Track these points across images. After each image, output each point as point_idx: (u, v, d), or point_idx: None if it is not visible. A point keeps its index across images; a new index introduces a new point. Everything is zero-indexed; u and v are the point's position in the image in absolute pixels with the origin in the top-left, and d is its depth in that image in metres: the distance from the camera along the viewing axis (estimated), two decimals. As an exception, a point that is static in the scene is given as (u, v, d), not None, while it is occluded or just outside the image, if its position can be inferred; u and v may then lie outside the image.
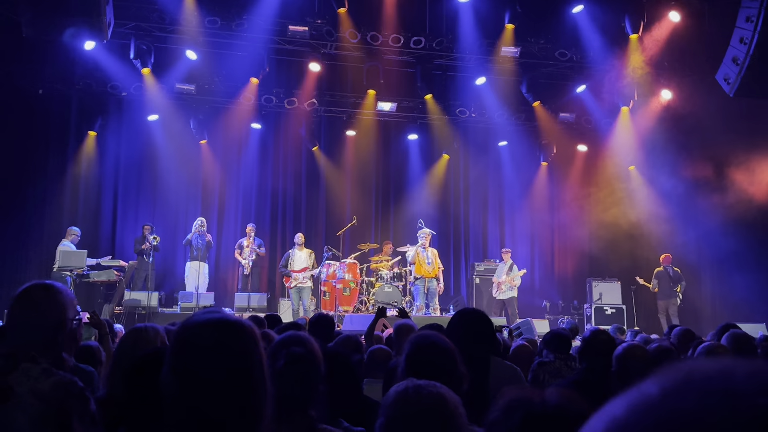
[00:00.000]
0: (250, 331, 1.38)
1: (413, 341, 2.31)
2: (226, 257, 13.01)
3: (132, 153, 12.89)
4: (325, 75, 12.93)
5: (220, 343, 1.33)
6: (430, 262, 11.30)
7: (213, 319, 1.37)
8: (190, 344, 1.35)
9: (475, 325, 3.10)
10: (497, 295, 12.65)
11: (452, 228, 14.48)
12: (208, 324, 1.36)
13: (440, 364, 2.19)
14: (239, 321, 1.40)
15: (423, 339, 2.31)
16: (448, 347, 2.30)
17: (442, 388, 1.64)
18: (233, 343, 1.34)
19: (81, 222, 11.91)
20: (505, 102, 13.55)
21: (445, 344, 2.32)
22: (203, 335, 1.34)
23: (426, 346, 2.26)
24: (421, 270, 11.25)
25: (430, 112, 13.60)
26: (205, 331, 1.35)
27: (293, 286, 11.29)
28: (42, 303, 2.01)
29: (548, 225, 14.72)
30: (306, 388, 2.01)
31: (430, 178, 14.44)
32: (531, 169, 14.59)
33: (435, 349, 2.27)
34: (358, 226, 12.38)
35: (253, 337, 1.37)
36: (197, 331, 1.36)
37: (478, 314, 3.20)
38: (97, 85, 12.07)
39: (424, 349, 2.25)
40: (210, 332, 1.34)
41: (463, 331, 3.07)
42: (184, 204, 13.13)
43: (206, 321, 1.37)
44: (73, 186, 12.43)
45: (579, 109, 13.70)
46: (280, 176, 13.73)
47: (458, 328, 3.11)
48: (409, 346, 2.29)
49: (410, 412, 1.59)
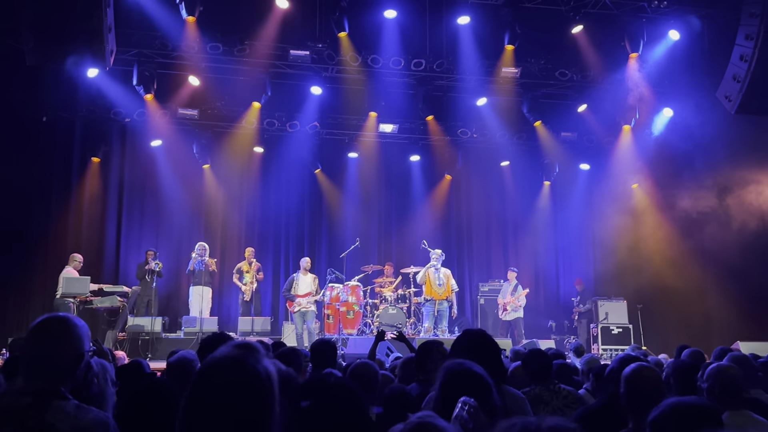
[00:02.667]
0: (268, 383, 1.34)
1: (448, 369, 2.21)
2: (229, 281, 12.95)
3: (135, 179, 12.93)
4: (326, 98, 12.96)
5: (235, 395, 1.30)
6: (441, 284, 11.25)
7: (232, 369, 1.33)
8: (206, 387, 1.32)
9: (480, 347, 2.96)
10: (503, 317, 12.57)
11: (455, 248, 14.42)
12: (226, 373, 1.33)
13: (476, 394, 2.08)
14: (258, 372, 1.35)
15: (458, 366, 2.21)
16: (484, 377, 2.19)
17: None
18: (248, 397, 1.30)
19: (84, 248, 11.90)
20: (506, 122, 13.57)
21: (481, 374, 2.21)
22: (221, 384, 1.31)
23: (462, 373, 2.16)
24: (431, 291, 11.18)
25: (432, 133, 13.62)
26: (222, 381, 1.31)
27: (297, 310, 11.22)
28: (60, 337, 2.02)
29: (552, 244, 14.65)
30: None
31: (433, 198, 14.43)
32: (533, 189, 14.56)
33: (471, 377, 2.17)
34: (361, 248, 12.34)
35: (270, 389, 1.34)
36: (214, 380, 1.33)
37: (483, 336, 3.05)
38: (101, 111, 12.12)
39: (458, 378, 2.14)
40: (227, 384, 1.31)
41: (468, 352, 2.94)
42: (187, 229, 13.13)
43: (224, 370, 1.33)
44: (77, 212, 12.45)
45: (581, 128, 13.70)
46: (282, 199, 13.71)
47: (464, 349, 2.97)
48: (443, 374, 2.19)
49: None
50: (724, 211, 12.39)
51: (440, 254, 11.46)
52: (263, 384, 1.32)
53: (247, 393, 1.29)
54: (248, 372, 1.32)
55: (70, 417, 1.88)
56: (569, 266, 14.66)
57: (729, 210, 12.38)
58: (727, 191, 12.61)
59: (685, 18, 11.82)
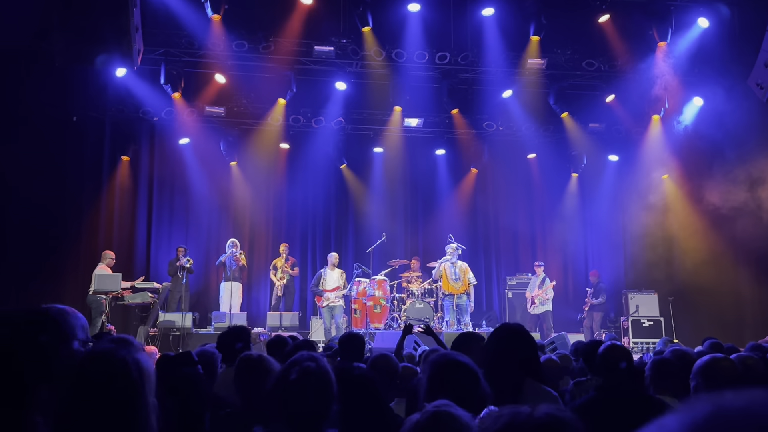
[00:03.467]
0: (136, 373, 1.49)
1: (433, 361, 2.27)
2: (258, 277, 13.08)
3: (164, 176, 13.10)
4: (351, 93, 12.97)
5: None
6: (458, 278, 11.19)
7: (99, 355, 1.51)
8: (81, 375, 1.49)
9: (518, 342, 2.91)
10: (531, 310, 12.50)
11: (482, 242, 14.36)
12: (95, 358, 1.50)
13: (462, 384, 2.14)
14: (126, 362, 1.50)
15: (443, 358, 2.27)
16: (470, 367, 2.24)
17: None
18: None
19: (116, 245, 12.10)
20: (532, 114, 13.44)
21: (467, 363, 2.26)
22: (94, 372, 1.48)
23: (447, 365, 2.22)
24: (447, 286, 11.14)
25: (457, 127, 13.56)
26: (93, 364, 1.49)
27: (325, 305, 11.28)
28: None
29: (581, 237, 14.50)
30: (318, 404, 1.99)
31: (459, 192, 14.37)
32: (561, 181, 14.41)
33: (456, 369, 2.21)
34: (388, 242, 12.34)
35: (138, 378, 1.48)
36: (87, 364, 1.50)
37: (520, 331, 3.02)
38: (129, 111, 12.30)
39: (445, 369, 2.20)
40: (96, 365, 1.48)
41: (501, 348, 2.91)
42: (216, 225, 13.27)
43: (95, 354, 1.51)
44: (108, 210, 12.65)
45: (609, 118, 13.52)
46: (309, 195, 13.77)
47: (500, 344, 2.94)
48: (429, 367, 2.25)
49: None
50: (756, 203, 12.11)
51: (455, 248, 11.39)
52: (130, 373, 1.44)
53: (115, 381, 1.43)
54: (116, 363, 1.46)
55: None
56: (598, 258, 14.49)
57: (761, 202, 12.10)
58: (759, 182, 12.33)
59: (713, 5, 11.58)
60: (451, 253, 11.33)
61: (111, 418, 1.38)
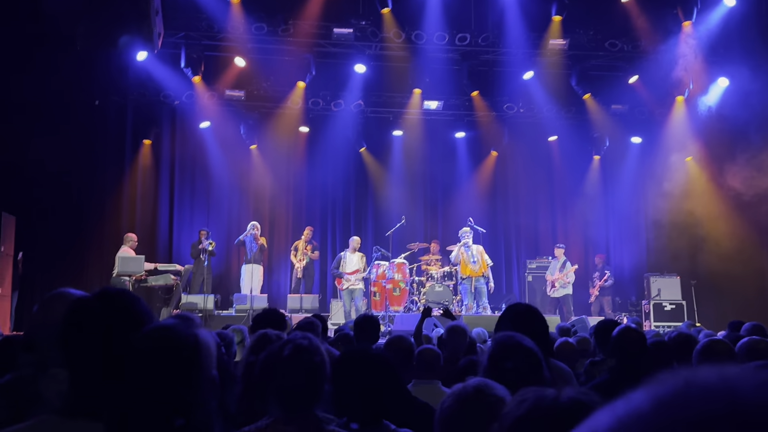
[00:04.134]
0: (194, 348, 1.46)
1: (498, 340, 2.22)
2: (278, 260, 13.16)
3: (186, 160, 13.19)
4: (370, 76, 12.91)
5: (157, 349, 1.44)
6: (475, 261, 11.14)
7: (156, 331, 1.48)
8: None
9: (527, 321, 2.95)
10: (551, 293, 12.46)
11: (502, 225, 14.30)
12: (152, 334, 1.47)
13: (524, 368, 2.09)
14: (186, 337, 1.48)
15: (508, 339, 2.22)
16: (534, 350, 2.20)
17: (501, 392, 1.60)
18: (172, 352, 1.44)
19: (139, 228, 12.23)
20: (554, 96, 13.29)
21: (531, 347, 2.21)
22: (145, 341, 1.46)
23: (511, 346, 2.17)
24: (466, 269, 11.11)
25: (478, 109, 13.45)
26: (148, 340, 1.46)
27: (345, 287, 11.33)
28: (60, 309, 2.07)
29: (602, 220, 14.37)
30: (310, 382, 2.01)
31: (479, 175, 14.30)
32: (583, 164, 14.26)
33: (520, 350, 2.17)
34: (407, 225, 12.32)
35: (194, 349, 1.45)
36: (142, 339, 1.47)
37: (530, 310, 3.04)
38: (151, 94, 12.38)
39: (508, 350, 2.15)
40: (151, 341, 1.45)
41: (513, 328, 2.93)
42: (236, 208, 13.36)
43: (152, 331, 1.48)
44: (131, 193, 12.79)
45: (632, 100, 13.33)
46: (328, 178, 13.79)
47: (508, 324, 2.96)
48: (493, 346, 2.20)
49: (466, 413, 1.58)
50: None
51: (468, 231, 11.32)
52: (189, 349, 1.42)
53: (173, 355, 1.41)
54: (175, 337, 1.44)
55: (58, 383, 1.86)
56: (620, 242, 14.37)
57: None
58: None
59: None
60: (466, 236, 11.25)
61: (169, 392, 1.38)
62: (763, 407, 0.39)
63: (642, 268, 13.61)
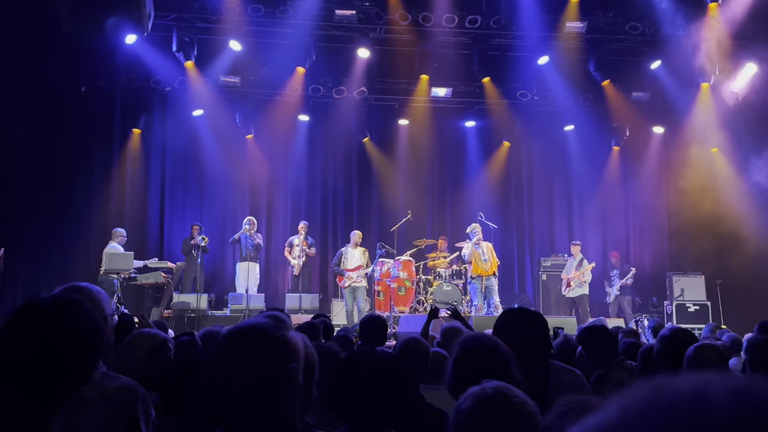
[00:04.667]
0: (281, 345, 1.50)
1: (462, 343, 2.21)
2: (276, 257, 13.12)
3: (178, 150, 13.16)
4: (374, 61, 12.85)
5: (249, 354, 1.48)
6: (486, 259, 11.13)
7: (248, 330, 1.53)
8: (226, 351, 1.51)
9: (525, 324, 2.92)
10: (566, 293, 12.43)
11: (515, 221, 14.27)
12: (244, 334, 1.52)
13: (491, 369, 2.08)
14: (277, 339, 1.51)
15: (472, 340, 2.21)
16: (500, 349, 2.19)
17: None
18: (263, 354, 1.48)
19: (128, 223, 12.23)
20: (570, 82, 13.21)
21: (497, 346, 2.21)
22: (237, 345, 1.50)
23: (476, 348, 2.15)
24: (477, 268, 11.09)
25: (489, 97, 13.39)
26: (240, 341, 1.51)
27: (347, 285, 11.30)
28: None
29: (622, 215, 14.32)
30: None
31: (490, 167, 14.26)
32: (601, 155, 14.21)
33: (485, 351, 2.15)
34: (413, 221, 12.28)
35: (284, 350, 1.49)
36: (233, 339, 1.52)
37: (528, 313, 3.04)
38: (140, 80, 12.31)
39: (473, 352, 2.14)
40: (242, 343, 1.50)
41: (512, 332, 2.91)
42: (231, 202, 13.34)
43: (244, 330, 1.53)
44: (119, 186, 12.76)
45: (654, 87, 13.24)
46: (330, 170, 13.78)
47: (505, 329, 2.95)
48: (457, 348, 2.19)
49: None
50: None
51: (478, 228, 11.29)
52: (280, 350, 1.45)
53: (264, 357, 1.45)
54: (267, 339, 1.46)
55: (95, 383, 1.93)
56: (640, 238, 14.31)
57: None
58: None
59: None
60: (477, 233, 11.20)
61: (257, 395, 1.41)
62: (731, 420, 0.39)
63: (664, 267, 13.54)
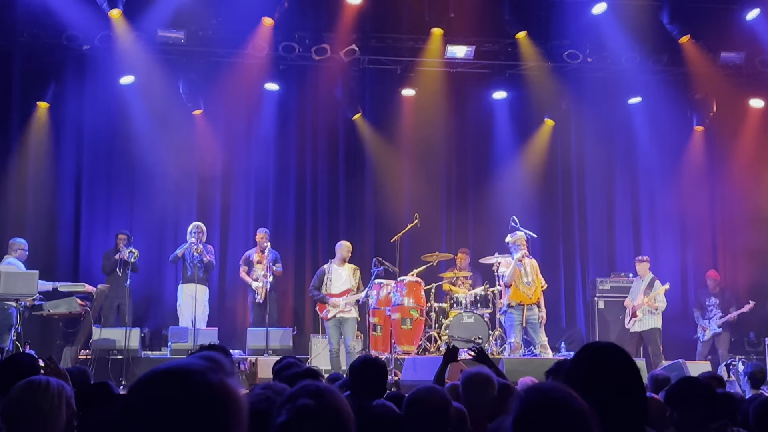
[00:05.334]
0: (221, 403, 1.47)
1: (525, 400, 2.15)
2: (234, 277, 13.08)
3: (100, 131, 13.15)
4: (369, 9, 12.91)
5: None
6: (530, 282, 11.08)
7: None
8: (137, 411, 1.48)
9: (616, 370, 2.77)
10: (631, 326, 12.43)
11: (561, 229, 14.29)
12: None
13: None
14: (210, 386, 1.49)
15: (541, 396, 2.15)
16: (580, 409, 2.14)
17: None
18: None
19: (30, 231, 12.21)
20: (637, 39, 13.26)
21: (576, 405, 2.15)
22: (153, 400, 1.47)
23: (546, 407, 2.10)
24: (518, 294, 11.05)
25: (525, 59, 13.46)
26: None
27: (331, 316, 11.28)
28: None
29: (708, 219, 14.36)
30: None
31: (527, 154, 14.34)
32: (680, 138, 14.28)
33: (560, 412, 2.10)
34: (422, 228, 12.26)
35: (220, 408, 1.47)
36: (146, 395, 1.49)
37: (620, 353, 2.95)
38: (48, 36, 12.30)
39: (542, 413, 2.09)
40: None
41: (598, 379, 2.83)
42: (173, 203, 13.33)
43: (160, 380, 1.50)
44: (19, 181, 12.72)
45: (750, 45, 13.33)
46: (308, 158, 13.82)
47: (589, 374, 2.86)
48: (518, 406, 2.14)
49: None
50: None
51: (524, 238, 11.27)
52: (213, 408, 1.43)
53: (189, 419, 1.42)
54: (194, 391, 1.44)
55: None
56: (731, 251, 14.29)
57: None
58: None
59: None
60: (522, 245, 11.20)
61: None
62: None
63: (765, 292, 13.54)
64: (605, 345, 2.95)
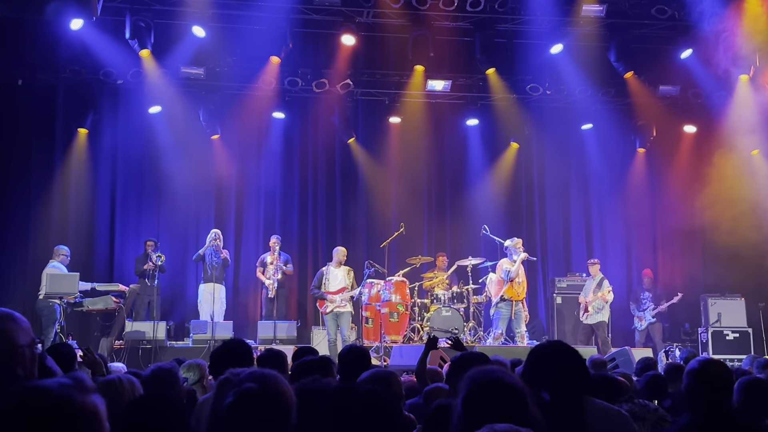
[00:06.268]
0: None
1: (472, 377, 2.24)
2: (246, 277, 13.13)
3: (131, 153, 13.16)
4: (361, 50, 12.93)
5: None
6: (521, 281, 11.40)
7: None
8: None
9: (560, 357, 2.98)
10: (585, 319, 12.46)
11: (526, 234, 14.21)
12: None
13: (507, 406, 2.13)
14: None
15: (485, 374, 2.24)
16: (516, 384, 2.24)
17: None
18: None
19: (72, 239, 12.18)
20: (589, 75, 13.33)
21: (512, 381, 2.26)
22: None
23: (489, 383, 2.18)
24: (511, 291, 11.20)
25: (494, 91, 13.49)
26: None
27: (329, 311, 11.31)
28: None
29: (648, 229, 14.45)
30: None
31: (496, 172, 14.36)
32: (624, 159, 14.37)
33: (499, 386, 2.19)
34: (407, 235, 12.31)
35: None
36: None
37: (562, 345, 3.10)
38: (87, 72, 12.34)
39: (486, 387, 2.17)
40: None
41: (546, 365, 2.96)
42: (194, 214, 13.34)
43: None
44: (62, 196, 12.71)
45: (684, 80, 13.36)
46: (309, 176, 13.83)
47: (541, 361, 3.00)
48: (467, 384, 2.22)
49: None
50: None
51: (520, 243, 11.48)
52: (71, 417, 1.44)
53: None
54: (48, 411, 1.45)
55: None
56: (669, 255, 14.40)
57: None
58: None
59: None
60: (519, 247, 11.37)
61: None
62: None
63: (697, 288, 13.62)
64: (552, 343, 3.14)
